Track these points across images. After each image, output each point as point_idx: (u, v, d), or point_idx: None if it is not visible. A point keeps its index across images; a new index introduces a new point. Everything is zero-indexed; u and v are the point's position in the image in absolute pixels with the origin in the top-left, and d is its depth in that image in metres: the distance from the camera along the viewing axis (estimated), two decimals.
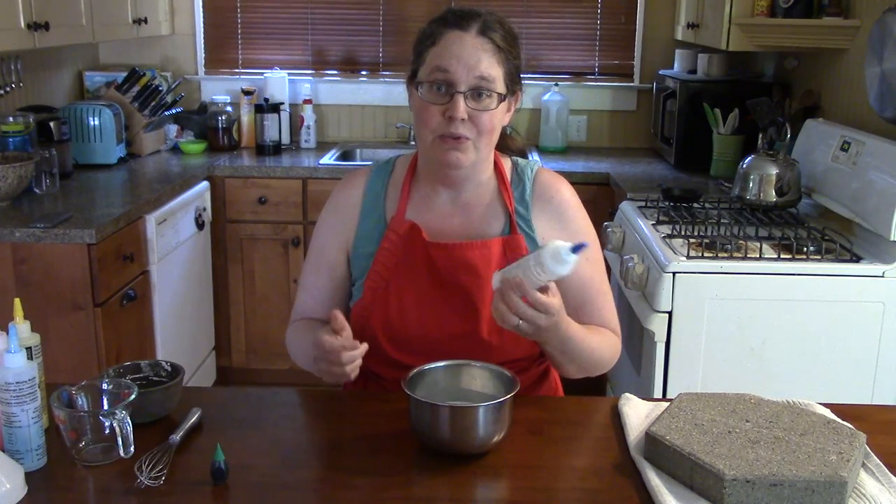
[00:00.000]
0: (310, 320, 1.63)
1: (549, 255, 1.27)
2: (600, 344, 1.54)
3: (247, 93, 3.94)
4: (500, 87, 1.48)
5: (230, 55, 4.13)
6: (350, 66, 4.14)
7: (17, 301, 1.29)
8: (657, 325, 2.30)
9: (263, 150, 3.81)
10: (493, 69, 1.47)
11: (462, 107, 1.45)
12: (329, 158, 3.73)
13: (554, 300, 1.34)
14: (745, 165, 2.73)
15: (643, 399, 1.48)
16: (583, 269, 1.57)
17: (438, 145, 1.49)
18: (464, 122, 1.46)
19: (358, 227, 1.61)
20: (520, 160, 1.65)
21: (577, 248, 1.27)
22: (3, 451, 1.21)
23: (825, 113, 3.03)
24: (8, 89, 3.11)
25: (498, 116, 1.50)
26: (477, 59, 1.45)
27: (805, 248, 2.36)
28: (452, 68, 1.45)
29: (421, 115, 1.49)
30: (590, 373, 1.57)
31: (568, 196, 1.61)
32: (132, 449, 1.23)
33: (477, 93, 1.46)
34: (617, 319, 1.63)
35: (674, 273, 2.28)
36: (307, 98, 3.98)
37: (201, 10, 4.06)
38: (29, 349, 1.28)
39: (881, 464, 1.26)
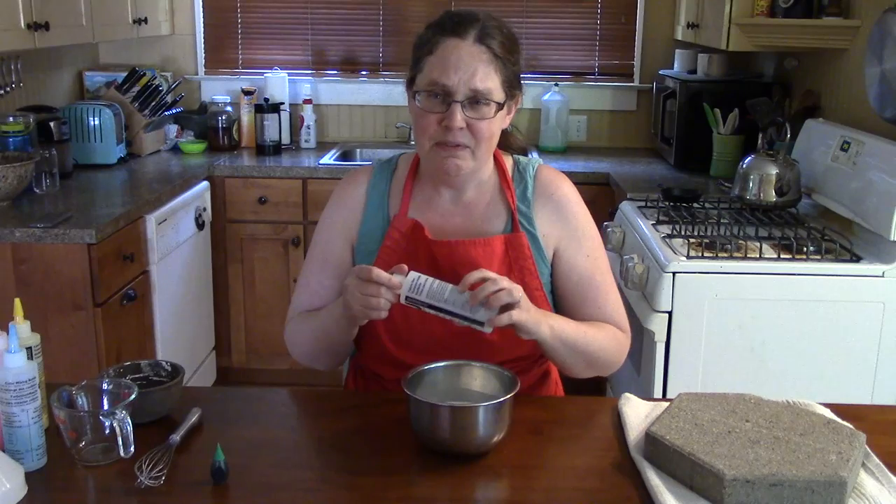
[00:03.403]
0: (315, 311, 1.60)
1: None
2: (597, 337, 1.53)
3: (247, 93, 3.94)
4: (498, 95, 1.48)
5: (230, 55, 4.13)
6: (350, 66, 4.14)
7: (17, 301, 1.29)
8: (657, 325, 2.29)
9: (263, 150, 3.81)
10: (489, 79, 1.46)
11: (459, 116, 1.45)
12: (329, 158, 3.73)
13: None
14: (745, 165, 2.73)
15: (643, 399, 1.48)
16: (582, 265, 1.57)
17: (436, 153, 1.49)
18: (461, 130, 1.46)
19: (361, 225, 1.60)
20: (521, 158, 1.65)
21: None
22: (3, 451, 1.21)
23: (825, 113, 3.03)
24: (8, 89, 3.11)
25: (496, 123, 1.50)
26: (474, 69, 1.45)
27: (805, 248, 2.36)
28: (449, 79, 1.44)
29: (419, 122, 1.49)
30: (597, 370, 1.56)
31: (568, 192, 1.61)
32: (132, 449, 1.23)
33: (474, 101, 1.46)
34: (623, 315, 1.61)
35: (674, 273, 2.28)
36: (307, 98, 3.98)
37: (201, 10, 4.06)
38: (29, 349, 1.28)
39: (881, 464, 1.26)
